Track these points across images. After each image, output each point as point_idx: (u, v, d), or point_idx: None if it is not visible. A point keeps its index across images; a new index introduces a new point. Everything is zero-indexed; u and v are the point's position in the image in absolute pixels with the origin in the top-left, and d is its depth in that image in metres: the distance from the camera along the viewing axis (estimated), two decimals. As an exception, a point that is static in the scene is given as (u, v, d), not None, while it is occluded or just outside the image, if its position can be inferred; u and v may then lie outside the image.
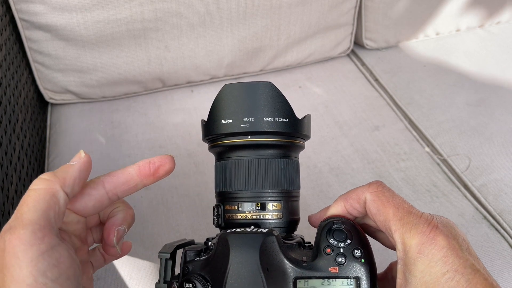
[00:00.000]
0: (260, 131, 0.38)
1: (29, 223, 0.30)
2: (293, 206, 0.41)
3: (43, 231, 0.30)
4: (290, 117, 0.39)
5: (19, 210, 0.31)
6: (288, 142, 0.40)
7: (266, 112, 0.38)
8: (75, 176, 0.34)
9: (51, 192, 0.32)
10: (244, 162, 0.39)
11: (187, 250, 0.37)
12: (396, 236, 0.34)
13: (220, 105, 0.39)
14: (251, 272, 0.34)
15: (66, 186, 0.33)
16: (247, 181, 0.39)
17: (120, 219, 0.38)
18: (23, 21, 0.74)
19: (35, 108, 0.80)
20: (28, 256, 0.29)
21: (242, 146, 0.39)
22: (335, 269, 0.35)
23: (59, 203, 0.32)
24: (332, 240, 0.36)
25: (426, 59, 0.95)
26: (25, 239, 0.29)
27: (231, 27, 0.81)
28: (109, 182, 0.36)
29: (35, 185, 0.32)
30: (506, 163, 0.71)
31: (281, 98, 0.39)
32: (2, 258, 0.29)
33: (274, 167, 0.39)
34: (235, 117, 0.38)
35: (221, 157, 0.41)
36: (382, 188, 0.36)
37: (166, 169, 0.38)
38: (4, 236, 0.29)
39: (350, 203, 0.38)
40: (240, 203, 0.39)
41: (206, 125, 0.41)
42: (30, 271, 0.28)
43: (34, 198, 0.31)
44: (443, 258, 0.31)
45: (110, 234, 0.37)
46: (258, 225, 0.39)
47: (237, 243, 0.34)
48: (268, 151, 0.40)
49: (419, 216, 0.34)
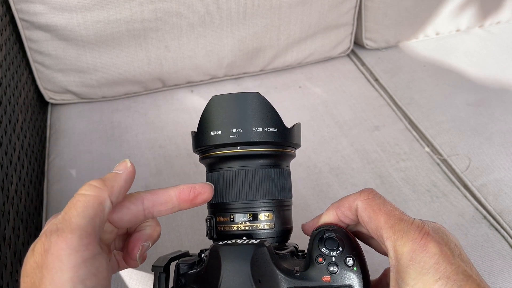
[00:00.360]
0: (249, 141, 0.38)
1: (77, 228, 0.30)
2: (285, 215, 0.41)
3: (88, 238, 0.30)
4: (279, 126, 0.39)
5: (67, 213, 0.31)
6: (278, 152, 0.40)
7: (254, 122, 0.38)
8: (121, 186, 0.34)
9: (99, 200, 0.32)
10: (234, 173, 0.39)
11: (180, 262, 0.37)
12: (388, 244, 0.34)
13: (209, 117, 0.39)
14: (243, 284, 0.33)
15: (113, 195, 0.33)
16: (237, 192, 0.39)
17: (147, 235, 0.38)
18: (23, 21, 0.74)
19: (35, 108, 0.80)
20: (71, 261, 0.29)
21: (232, 157, 0.39)
22: (328, 278, 0.35)
23: (105, 212, 0.32)
24: (324, 249, 0.35)
25: (426, 59, 0.95)
26: (71, 244, 0.29)
27: (231, 27, 0.81)
28: (149, 200, 0.36)
29: (85, 191, 0.32)
30: (506, 163, 0.71)
31: (269, 108, 0.39)
32: (44, 257, 0.29)
33: (265, 177, 0.39)
34: (224, 128, 0.38)
35: (211, 169, 0.41)
36: (374, 195, 0.36)
37: (205, 198, 0.38)
38: (51, 236, 0.29)
39: (342, 211, 0.38)
40: (232, 214, 0.39)
41: (195, 137, 0.41)
42: (71, 277, 0.29)
43: (83, 204, 0.31)
44: (435, 265, 0.31)
45: (135, 248, 0.37)
46: (250, 236, 0.39)
47: (228, 255, 0.34)
48: (258, 161, 0.40)
49: (410, 223, 0.33)
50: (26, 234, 0.59)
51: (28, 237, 0.60)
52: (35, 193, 0.68)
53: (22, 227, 0.58)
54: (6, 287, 0.49)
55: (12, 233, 0.54)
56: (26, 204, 0.62)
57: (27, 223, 0.61)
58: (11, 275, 0.51)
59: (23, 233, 0.58)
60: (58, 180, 0.71)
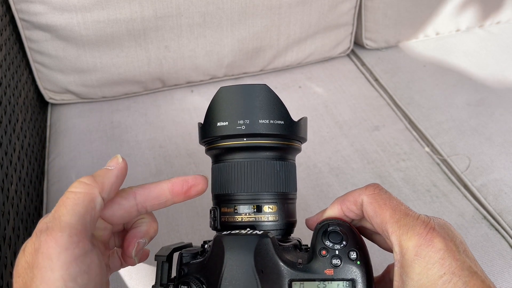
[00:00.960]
0: (255, 133, 0.38)
1: (67, 226, 0.29)
2: (290, 208, 0.41)
3: (79, 236, 0.30)
4: (286, 119, 0.39)
5: (57, 211, 0.30)
6: (284, 145, 0.40)
7: (261, 114, 0.38)
8: (112, 182, 0.33)
9: (90, 197, 0.31)
10: (239, 164, 0.39)
11: (183, 252, 0.37)
12: (393, 239, 0.33)
13: (216, 108, 0.39)
14: (245, 274, 0.33)
15: (104, 192, 0.32)
16: (242, 183, 0.39)
17: (142, 232, 0.38)
18: (23, 21, 0.74)
19: (35, 108, 0.80)
20: (61, 259, 0.29)
21: (238, 148, 0.39)
22: (331, 271, 0.35)
23: (96, 209, 0.32)
24: (328, 242, 0.36)
25: (426, 59, 0.95)
26: (61, 242, 0.29)
27: (231, 27, 0.81)
28: (141, 195, 0.36)
29: (75, 188, 0.32)
30: (506, 163, 0.71)
31: (276, 100, 0.39)
32: (34, 257, 0.29)
33: (270, 169, 0.39)
34: (230, 119, 0.38)
35: (217, 160, 0.41)
36: (379, 190, 0.36)
37: (198, 189, 0.37)
38: (40, 236, 0.29)
39: (347, 205, 0.38)
40: (236, 205, 0.39)
41: (202, 128, 0.41)
42: (62, 275, 0.28)
43: (73, 201, 0.31)
44: (440, 260, 0.31)
45: (130, 246, 0.37)
46: (254, 227, 0.39)
47: (231, 245, 0.34)
48: (264, 153, 0.40)
49: (416, 218, 0.33)
50: (26, 234, 0.59)
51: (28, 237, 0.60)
52: (35, 193, 0.68)
53: (22, 227, 0.58)
54: (6, 287, 0.49)
55: (12, 233, 0.54)
56: (26, 204, 0.62)
57: (27, 223, 0.61)
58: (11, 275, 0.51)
59: (23, 233, 0.58)
60: (58, 180, 0.71)
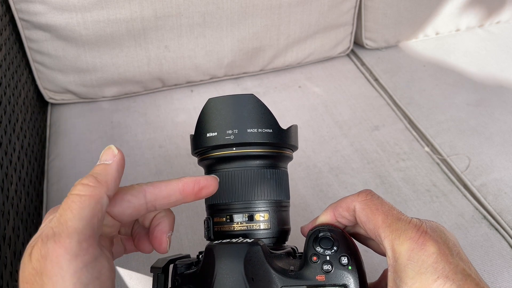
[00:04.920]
0: (244, 142, 0.39)
1: (75, 231, 0.29)
2: (282, 216, 0.41)
3: (88, 241, 0.29)
4: (274, 127, 0.40)
5: (62, 216, 0.29)
6: (274, 153, 0.40)
7: (249, 123, 0.39)
8: (114, 178, 0.32)
9: (96, 199, 0.30)
10: (230, 173, 0.40)
11: (177, 263, 0.38)
12: (385, 243, 0.33)
13: (205, 119, 0.40)
14: (235, 282, 0.33)
15: (109, 190, 0.32)
16: (234, 192, 0.39)
17: (168, 226, 0.38)
18: (23, 21, 0.74)
19: (35, 108, 0.80)
20: (72, 267, 0.28)
21: (228, 158, 0.40)
22: (322, 277, 0.35)
23: (103, 210, 0.31)
24: (319, 248, 0.35)
25: (426, 59, 0.95)
26: (70, 249, 0.28)
27: (231, 27, 0.81)
28: (151, 193, 0.35)
29: (79, 191, 0.30)
30: (506, 163, 0.71)
31: (264, 109, 0.40)
32: (43, 264, 0.28)
33: (260, 177, 0.40)
34: (219, 130, 0.39)
35: (209, 170, 0.42)
36: (371, 196, 0.36)
37: (209, 191, 0.37)
38: (47, 242, 0.28)
39: (340, 211, 0.38)
40: (228, 214, 0.40)
41: (193, 139, 0.42)
42: (74, 283, 0.28)
43: (79, 205, 0.30)
44: (433, 264, 0.31)
45: (163, 243, 0.37)
46: (246, 236, 0.39)
47: (222, 254, 0.34)
48: (254, 162, 0.40)
49: (408, 222, 0.33)
50: (26, 234, 0.59)
51: (28, 237, 0.60)
52: (35, 193, 0.68)
53: (22, 227, 0.58)
54: (6, 287, 0.49)
55: (12, 233, 0.54)
56: (26, 204, 0.62)
57: (27, 223, 0.61)
58: (11, 275, 0.51)
59: (23, 233, 0.58)
60: (58, 180, 0.71)
